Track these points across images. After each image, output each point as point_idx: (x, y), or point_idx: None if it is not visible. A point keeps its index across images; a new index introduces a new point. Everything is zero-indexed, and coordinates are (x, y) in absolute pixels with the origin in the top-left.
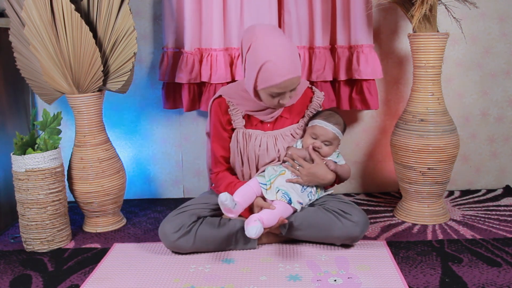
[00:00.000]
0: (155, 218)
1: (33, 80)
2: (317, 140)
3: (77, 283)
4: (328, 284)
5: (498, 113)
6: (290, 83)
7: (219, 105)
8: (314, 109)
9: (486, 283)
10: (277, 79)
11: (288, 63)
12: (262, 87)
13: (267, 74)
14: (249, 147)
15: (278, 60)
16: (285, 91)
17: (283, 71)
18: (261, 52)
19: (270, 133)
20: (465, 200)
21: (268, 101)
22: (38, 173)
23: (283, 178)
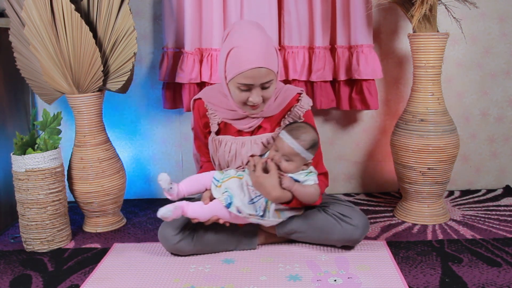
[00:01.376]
0: (155, 218)
1: (33, 80)
2: (277, 153)
3: (77, 283)
4: (328, 284)
5: (498, 113)
6: (258, 74)
7: (198, 108)
8: (292, 119)
9: (486, 283)
10: (242, 66)
11: (257, 51)
12: (230, 76)
13: (234, 60)
14: (219, 153)
15: (246, 46)
16: (253, 84)
17: (250, 58)
18: (232, 39)
19: (240, 139)
20: (465, 200)
21: (237, 97)
22: (38, 173)
23: (237, 182)
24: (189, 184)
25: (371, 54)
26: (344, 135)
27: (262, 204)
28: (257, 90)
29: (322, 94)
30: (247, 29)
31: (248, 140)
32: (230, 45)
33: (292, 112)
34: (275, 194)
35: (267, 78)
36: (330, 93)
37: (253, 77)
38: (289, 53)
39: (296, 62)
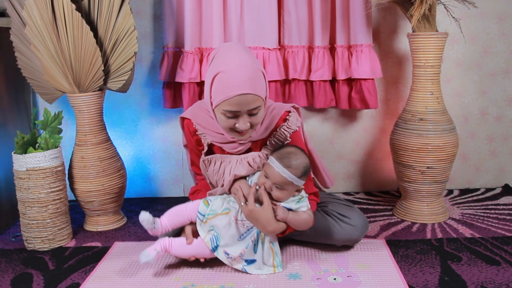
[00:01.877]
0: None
1: (34, 79)
2: (268, 180)
3: (78, 282)
4: (327, 282)
5: (497, 113)
6: (245, 101)
7: (188, 126)
8: (278, 139)
9: (485, 281)
10: (228, 92)
11: (243, 76)
12: (216, 103)
13: (219, 86)
14: (209, 172)
15: (232, 71)
16: (240, 111)
17: (236, 84)
18: (218, 63)
19: (227, 157)
20: (464, 199)
21: (223, 123)
22: (39, 172)
23: (223, 219)
24: (172, 218)
25: (371, 54)
26: (344, 134)
27: (253, 236)
28: (244, 117)
29: (322, 93)
30: (233, 52)
31: (234, 159)
32: (215, 70)
33: (278, 132)
34: (271, 228)
35: (254, 104)
36: (330, 92)
37: (239, 104)
38: (289, 53)
39: (296, 61)
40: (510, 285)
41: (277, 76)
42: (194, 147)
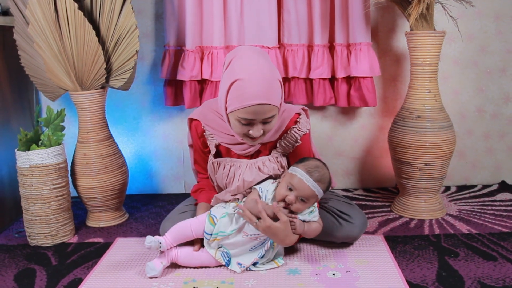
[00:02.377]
0: (157, 213)
1: (37, 77)
2: (292, 193)
3: (80, 277)
4: (326, 277)
5: (493, 110)
6: (261, 110)
7: (195, 128)
8: (289, 141)
9: (482, 276)
10: (246, 101)
11: (262, 86)
12: (231, 109)
13: (236, 94)
14: (217, 175)
15: (251, 80)
16: (255, 119)
17: (254, 93)
18: (237, 69)
19: (238, 162)
20: (461, 195)
21: (237, 128)
22: (42, 168)
23: (232, 237)
24: (176, 236)
25: (369, 52)
26: (343, 132)
27: (267, 246)
28: (259, 125)
29: (321, 91)
30: (251, 58)
31: (244, 164)
32: (233, 76)
33: (288, 134)
34: (288, 241)
35: (269, 114)
36: (329, 91)
37: (255, 113)
38: (288, 51)
39: (296, 60)
40: (506, 280)
41: None
42: (199, 148)
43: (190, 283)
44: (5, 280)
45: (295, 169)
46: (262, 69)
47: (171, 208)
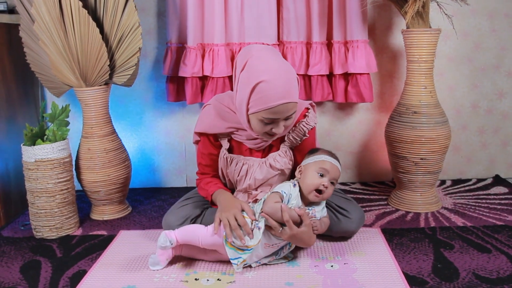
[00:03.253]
0: (159, 206)
1: (42, 74)
2: (325, 178)
3: (84, 269)
4: (325, 269)
5: (488, 106)
6: (285, 109)
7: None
8: (297, 135)
9: (477, 268)
10: (271, 102)
11: (285, 86)
12: (254, 110)
13: (261, 96)
14: (229, 171)
15: (274, 81)
16: (279, 118)
17: (279, 94)
18: (257, 70)
19: (251, 160)
20: (456, 189)
21: (259, 128)
22: (47, 163)
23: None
24: (185, 239)
25: (366, 49)
26: (340, 127)
27: (286, 248)
28: (281, 123)
29: (319, 87)
30: (269, 58)
31: (256, 163)
32: (255, 78)
33: (297, 128)
34: (312, 242)
35: (292, 111)
36: (327, 87)
37: (280, 112)
38: (287, 48)
39: (295, 56)
40: (500, 272)
41: None
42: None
43: (192, 274)
44: (11, 272)
45: (319, 156)
46: (282, 68)
47: (173, 202)
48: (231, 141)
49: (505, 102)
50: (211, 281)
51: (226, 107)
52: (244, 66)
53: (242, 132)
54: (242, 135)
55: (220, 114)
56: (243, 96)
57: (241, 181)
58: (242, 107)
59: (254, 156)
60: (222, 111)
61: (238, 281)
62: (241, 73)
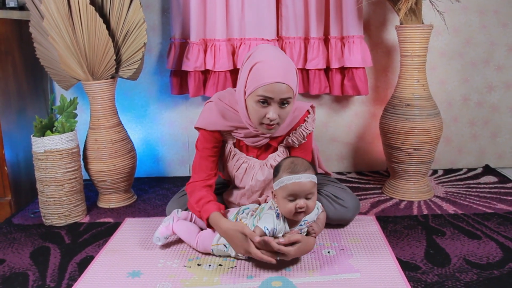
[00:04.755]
0: (163, 195)
1: (51, 68)
2: (298, 200)
3: (91, 254)
4: (322, 255)
5: (478, 99)
6: (280, 89)
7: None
8: (297, 138)
9: (467, 254)
10: (265, 79)
11: (280, 67)
12: (250, 90)
13: (257, 74)
14: (229, 164)
15: (269, 61)
16: (273, 99)
17: (274, 73)
18: (256, 56)
19: (251, 160)
20: (448, 178)
21: (255, 113)
22: (56, 153)
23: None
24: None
25: (362, 44)
26: (337, 119)
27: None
28: (276, 106)
29: (317, 81)
30: (270, 49)
31: (257, 164)
32: (253, 61)
33: (297, 131)
34: (312, 246)
35: (286, 95)
36: (324, 80)
37: (273, 91)
38: (286, 43)
39: (293, 51)
40: (490, 258)
41: None
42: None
43: (194, 260)
44: (21, 258)
45: (280, 180)
46: (281, 56)
47: (176, 190)
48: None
49: (495, 95)
50: (213, 266)
51: (227, 105)
52: (248, 58)
53: (241, 130)
54: (241, 132)
55: (222, 112)
56: (242, 80)
57: (238, 178)
58: (241, 92)
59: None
60: (224, 109)
61: (239, 266)
62: (245, 63)
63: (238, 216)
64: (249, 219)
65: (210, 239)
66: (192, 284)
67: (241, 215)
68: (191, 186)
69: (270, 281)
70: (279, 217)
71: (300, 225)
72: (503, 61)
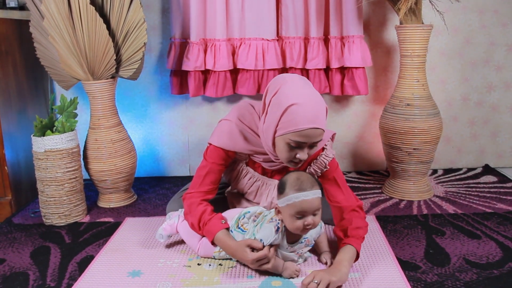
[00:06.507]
0: (163, 194)
1: (51, 68)
2: (306, 218)
3: (92, 254)
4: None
5: (477, 98)
6: (313, 134)
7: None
8: (318, 167)
9: (467, 253)
10: (301, 124)
11: (315, 111)
12: (283, 132)
13: (292, 117)
14: (240, 182)
15: (305, 105)
16: (306, 143)
17: (309, 117)
18: (290, 95)
19: (266, 179)
20: (448, 178)
21: (284, 152)
22: (56, 153)
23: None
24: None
25: (361, 44)
26: (337, 119)
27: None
28: (306, 148)
29: (317, 80)
30: (301, 86)
31: (272, 185)
32: (288, 101)
33: (318, 160)
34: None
35: (319, 138)
36: (324, 80)
37: (308, 136)
38: (286, 43)
39: (293, 51)
40: (490, 257)
41: (276, 65)
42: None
43: (194, 259)
44: (21, 257)
45: (288, 198)
46: (314, 95)
47: (176, 190)
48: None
49: (494, 95)
50: (213, 266)
51: (248, 128)
52: (276, 92)
53: (260, 155)
54: (260, 157)
55: (244, 134)
56: (273, 118)
57: (250, 195)
58: (269, 129)
59: (267, 176)
60: (245, 131)
61: (239, 266)
62: (273, 98)
63: (240, 222)
64: (250, 224)
65: (211, 248)
66: (192, 284)
67: (242, 221)
68: (188, 201)
69: (270, 280)
70: (278, 231)
71: (300, 242)
72: (503, 61)
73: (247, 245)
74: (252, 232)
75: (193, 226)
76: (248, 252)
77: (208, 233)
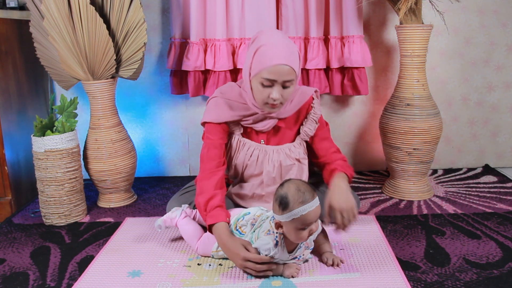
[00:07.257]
0: (163, 195)
1: (51, 68)
2: (310, 227)
3: (92, 254)
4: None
5: (477, 98)
6: (283, 71)
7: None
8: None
9: (467, 253)
10: (268, 61)
11: (283, 50)
12: (255, 72)
13: (261, 56)
14: (240, 155)
15: (273, 45)
16: (276, 80)
17: (276, 55)
18: (262, 39)
19: (263, 147)
20: (448, 178)
21: (259, 93)
22: (56, 153)
23: None
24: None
25: (362, 44)
26: (337, 118)
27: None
28: (279, 87)
29: (317, 80)
30: (274, 32)
31: (270, 149)
32: (258, 44)
33: (308, 120)
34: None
35: (289, 76)
36: (324, 80)
37: (277, 72)
38: None
39: None
40: (490, 257)
41: None
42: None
43: (194, 259)
44: (21, 257)
45: (294, 214)
46: (284, 39)
47: (176, 190)
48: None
49: (494, 95)
50: (213, 266)
51: (231, 99)
52: (253, 41)
53: (249, 117)
54: (249, 119)
55: (228, 104)
56: (247, 63)
57: (251, 166)
58: (246, 74)
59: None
60: (229, 101)
61: None
62: (250, 46)
63: (238, 223)
64: (248, 227)
65: (210, 246)
66: (192, 284)
67: (241, 222)
68: (200, 182)
69: (269, 280)
70: (278, 245)
71: (299, 247)
72: (503, 61)
73: (243, 244)
74: (250, 239)
75: (199, 206)
76: (242, 249)
77: (211, 218)
